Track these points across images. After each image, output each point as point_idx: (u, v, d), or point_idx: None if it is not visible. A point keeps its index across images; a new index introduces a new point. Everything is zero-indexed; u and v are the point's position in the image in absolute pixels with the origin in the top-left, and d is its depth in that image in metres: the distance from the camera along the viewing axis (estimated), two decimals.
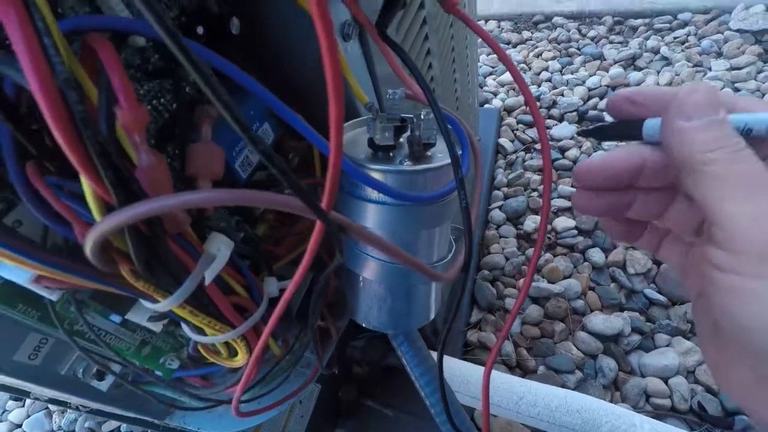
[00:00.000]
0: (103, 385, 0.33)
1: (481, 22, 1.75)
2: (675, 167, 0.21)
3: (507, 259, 1.02)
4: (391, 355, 0.69)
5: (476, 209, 0.31)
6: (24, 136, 0.19)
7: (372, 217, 0.30)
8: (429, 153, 0.30)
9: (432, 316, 0.38)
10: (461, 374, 0.61)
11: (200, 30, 0.27)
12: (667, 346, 0.86)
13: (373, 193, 0.29)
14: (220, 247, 0.24)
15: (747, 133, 0.20)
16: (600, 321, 0.89)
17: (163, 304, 0.23)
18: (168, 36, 0.12)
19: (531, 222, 1.07)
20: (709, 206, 0.20)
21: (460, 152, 0.30)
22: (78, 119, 0.14)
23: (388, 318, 0.36)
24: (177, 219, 0.21)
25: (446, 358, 0.61)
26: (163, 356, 0.33)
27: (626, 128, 0.24)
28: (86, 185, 0.17)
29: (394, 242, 0.31)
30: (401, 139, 0.31)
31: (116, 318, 0.28)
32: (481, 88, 1.50)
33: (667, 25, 1.53)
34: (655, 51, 1.44)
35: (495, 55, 1.57)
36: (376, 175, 0.28)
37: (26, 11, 0.14)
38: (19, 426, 0.95)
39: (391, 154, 0.30)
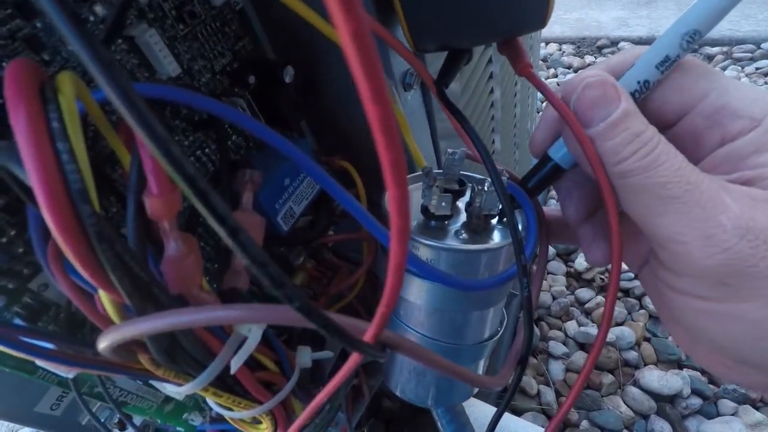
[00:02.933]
0: None
1: (541, 45, 1.67)
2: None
3: (554, 298, 0.96)
4: None
5: (538, 290, 0.27)
6: None
7: (417, 291, 0.26)
8: (489, 225, 0.26)
9: (476, 390, 0.34)
10: None
11: (251, 79, 0.25)
12: (733, 414, 0.77)
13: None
14: (251, 328, 0.22)
15: (646, 87, 0.17)
16: (655, 377, 0.81)
17: (185, 389, 0.21)
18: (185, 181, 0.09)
19: (583, 260, 1.00)
20: (644, 225, 0.17)
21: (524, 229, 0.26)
22: (91, 233, 0.12)
23: (428, 393, 0.32)
24: (204, 304, 0.19)
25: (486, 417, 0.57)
26: (186, 412, 0.31)
27: (544, 171, 0.22)
28: (102, 292, 0.15)
29: (441, 321, 0.28)
30: (458, 203, 0.27)
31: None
32: (538, 113, 1.43)
33: (749, 54, 1.40)
34: None
35: (552, 80, 1.50)
36: (426, 251, 0.25)
37: (40, 109, 0.12)
38: None
39: (446, 222, 0.26)
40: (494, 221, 0.27)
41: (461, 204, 0.27)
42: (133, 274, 0.14)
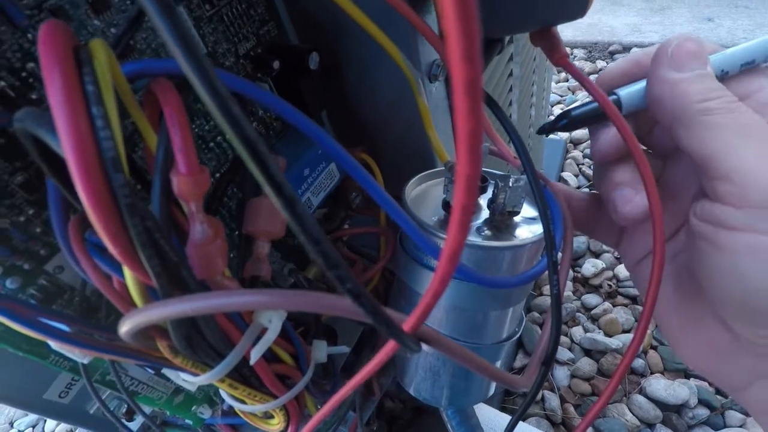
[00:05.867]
0: (133, 425, 0.31)
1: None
2: (667, 125, 0.20)
3: None
4: None
5: (563, 288, 0.26)
6: (69, 189, 0.16)
7: None
8: (511, 221, 0.26)
9: (491, 393, 0.33)
10: None
11: (276, 64, 0.25)
12: (741, 426, 0.76)
13: None
14: (272, 318, 0.21)
15: (724, 75, 0.20)
16: (662, 386, 0.80)
17: (202, 379, 0.21)
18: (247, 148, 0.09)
19: (590, 266, 0.99)
20: (713, 159, 0.18)
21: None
22: (123, 206, 0.11)
23: (443, 393, 0.31)
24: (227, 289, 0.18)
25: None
26: (196, 405, 0.30)
27: (595, 110, 0.22)
28: (128, 272, 0.14)
29: (460, 319, 0.27)
30: (480, 200, 0.27)
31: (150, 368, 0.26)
32: (549, 117, 1.42)
33: (764, 63, 1.39)
34: None
35: (563, 84, 1.49)
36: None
37: (75, 71, 0.11)
38: None
39: None
40: (517, 218, 0.26)
41: (483, 201, 0.26)
42: (163, 253, 0.14)
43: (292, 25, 0.28)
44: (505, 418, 0.58)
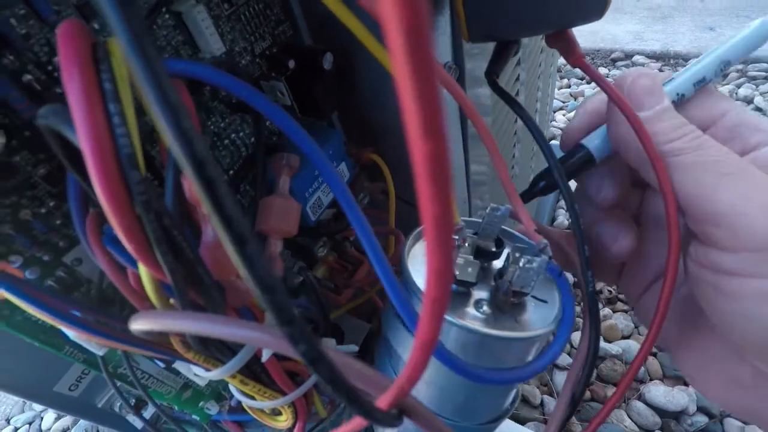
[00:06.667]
0: (138, 422, 0.31)
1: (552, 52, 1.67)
2: (636, 167, 0.19)
3: None
4: None
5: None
6: (89, 184, 0.16)
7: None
8: (516, 300, 0.21)
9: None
10: None
11: (291, 64, 0.25)
12: None
13: None
14: None
15: (681, 99, 0.20)
16: (661, 393, 0.80)
17: (214, 374, 0.21)
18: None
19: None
20: (692, 202, 0.17)
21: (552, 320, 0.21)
22: (138, 202, 0.12)
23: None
24: (240, 290, 0.18)
25: None
26: (203, 400, 0.31)
27: (574, 159, 0.22)
28: (143, 268, 0.14)
29: (441, 397, 0.23)
30: (495, 262, 0.23)
31: (161, 362, 0.26)
32: (550, 124, 1.43)
33: (763, 73, 1.40)
34: (749, 100, 1.32)
35: (565, 90, 1.50)
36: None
37: (93, 69, 0.11)
38: None
39: (469, 289, 0.21)
40: (522, 300, 0.21)
41: (499, 262, 0.23)
42: (178, 251, 0.14)
43: (306, 26, 0.29)
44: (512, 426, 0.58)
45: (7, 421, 0.98)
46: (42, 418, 0.96)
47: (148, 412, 0.31)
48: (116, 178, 0.11)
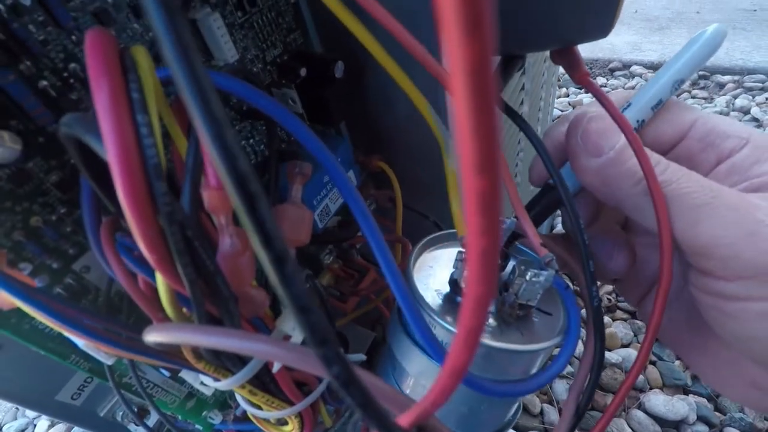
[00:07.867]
0: (141, 430, 0.30)
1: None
2: (614, 206, 0.19)
3: None
4: None
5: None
6: (105, 192, 0.16)
7: (427, 372, 0.23)
8: (521, 313, 0.22)
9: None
10: None
11: (303, 72, 0.25)
12: None
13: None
14: (295, 327, 0.21)
15: (641, 125, 0.19)
16: (661, 402, 0.80)
17: (224, 384, 0.20)
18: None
19: None
20: (678, 236, 0.17)
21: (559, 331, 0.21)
22: (163, 213, 0.12)
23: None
24: (254, 301, 0.18)
25: None
26: (206, 410, 0.30)
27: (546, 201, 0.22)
28: (160, 279, 0.14)
29: (446, 408, 0.23)
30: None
31: (167, 372, 0.26)
32: None
33: (760, 84, 1.41)
34: (745, 111, 1.33)
35: (563, 99, 1.51)
36: (442, 332, 0.20)
37: (122, 80, 0.11)
38: None
39: None
40: (528, 313, 0.22)
41: (504, 274, 0.22)
42: (199, 262, 0.14)
43: (317, 34, 0.29)
44: None
45: (0, 428, 0.96)
46: (35, 425, 0.95)
47: (151, 420, 0.31)
48: (142, 189, 0.11)
